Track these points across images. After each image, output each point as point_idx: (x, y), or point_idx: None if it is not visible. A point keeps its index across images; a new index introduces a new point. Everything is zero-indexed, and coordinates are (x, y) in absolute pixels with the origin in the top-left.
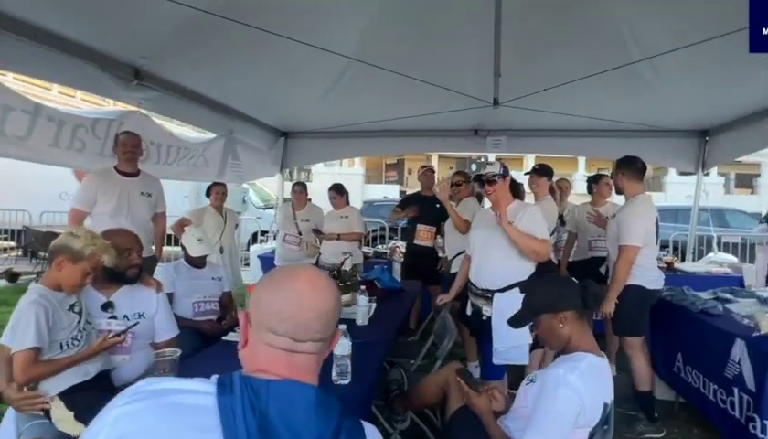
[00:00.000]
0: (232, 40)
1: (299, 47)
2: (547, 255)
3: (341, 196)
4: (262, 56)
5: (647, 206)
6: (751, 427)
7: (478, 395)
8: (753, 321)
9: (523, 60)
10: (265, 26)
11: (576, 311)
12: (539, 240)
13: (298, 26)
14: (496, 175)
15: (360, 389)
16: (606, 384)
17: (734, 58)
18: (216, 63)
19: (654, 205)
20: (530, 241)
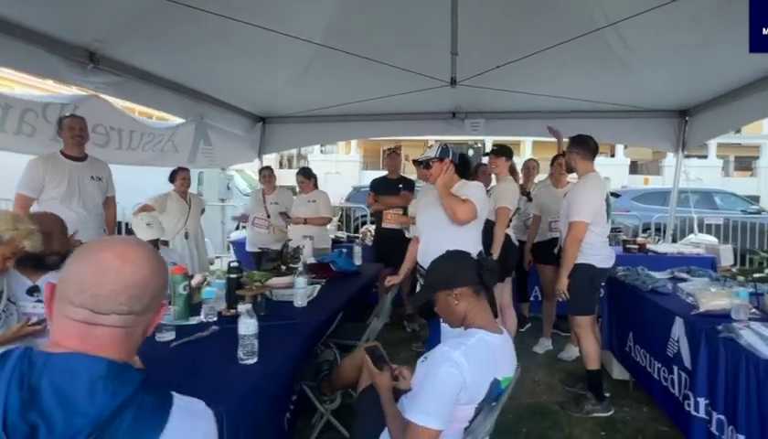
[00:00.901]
0: (198, 25)
1: (267, 33)
2: (466, 219)
3: (309, 180)
4: (231, 42)
5: (597, 184)
6: (686, 405)
7: (380, 373)
8: (695, 299)
9: (480, 38)
10: (230, 13)
11: (471, 287)
12: (461, 200)
13: (263, 12)
14: (432, 158)
15: (271, 368)
16: (496, 361)
17: (710, 32)
18: (183, 48)
19: (604, 183)
20: (451, 199)
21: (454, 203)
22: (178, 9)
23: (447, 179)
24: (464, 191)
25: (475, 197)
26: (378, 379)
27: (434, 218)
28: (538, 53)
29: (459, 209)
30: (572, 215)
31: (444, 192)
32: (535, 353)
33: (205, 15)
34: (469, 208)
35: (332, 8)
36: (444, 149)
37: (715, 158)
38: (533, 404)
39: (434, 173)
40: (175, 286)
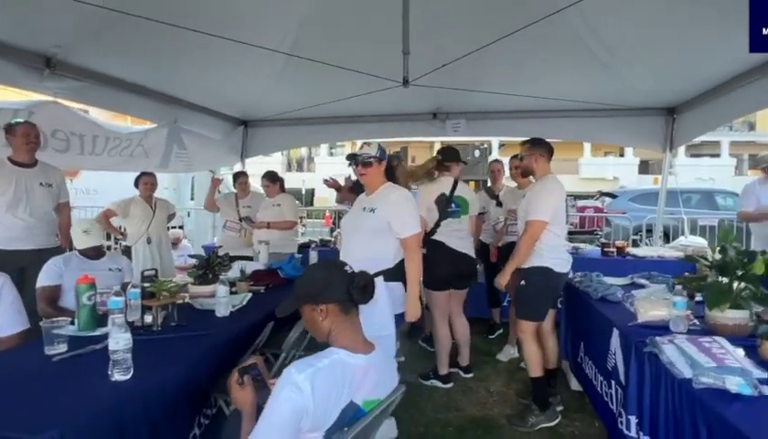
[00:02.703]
0: (166, 33)
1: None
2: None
3: (274, 184)
4: (203, 48)
5: (557, 185)
6: (620, 422)
7: (239, 388)
8: (635, 308)
9: (432, 36)
10: (195, 23)
11: (339, 304)
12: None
13: (230, 23)
14: (372, 157)
15: (164, 382)
16: (356, 383)
17: (688, 28)
18: (152, 53)
19: (563, 185)
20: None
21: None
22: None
23: (376, 181)
24: (394, 196)
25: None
26: (236, 393)
27: (355, 225)
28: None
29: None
30: (530, 214)
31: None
32: (498, 361)
33: (173, 19)
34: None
35: (295, 19)
36: (382, 150)
37: (728, 157)
38: (480, 417)
39: (373, 172)
40: (79, 296)
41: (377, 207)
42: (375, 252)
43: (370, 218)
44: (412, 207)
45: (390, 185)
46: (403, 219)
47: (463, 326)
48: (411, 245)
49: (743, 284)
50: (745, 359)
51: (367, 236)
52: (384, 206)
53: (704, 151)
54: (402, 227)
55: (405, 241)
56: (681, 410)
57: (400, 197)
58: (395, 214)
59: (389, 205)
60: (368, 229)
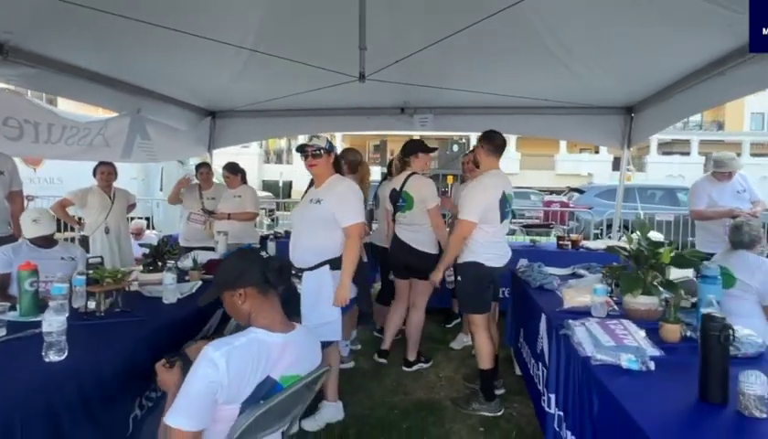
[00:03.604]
0: (127, 22)
1: (195, 27)
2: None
3: (234, 175)
4: (166, 38)
5: (493, 181)
6: (542, 401)
7: (166, 370)
8: (562, 295)
9: (390, 32)
10: (156, 17)
11: (257, 287)
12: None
13: (191, 16)
14: (321, 149)
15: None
16: (272, 360)
17: (645, 28)
18: (113, 42)
19: (502, 182)
20: None
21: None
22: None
23: (324, 173)
24: (340, 187)
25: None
26: (162, 375)
27: (302, 215)
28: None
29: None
30: (460, 213)
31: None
32: (451, 349)
33: (133, 12)
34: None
35: (257, 15)
36: (330, 143)
37: (697, 155)
38: (425, 400)
39: (322, 164)
40: (21, 282)
41: (323, 198)
42: (321, 242)
43: (316, 209)
44: (356, 197)
45: (338, 177)
46: (345, 209)
47: (415, 319)
48: (351, 234)
49: (654, 273)
50: (645, 340)
51: (313, 226)
52: (329, 197)
53: (675, 149)
54: (344, 216)
55: (346, 230)
56: (582, 384)
57: (344, 187)
58: (338, 204)
59: (333, 196)
60: (313, 219)
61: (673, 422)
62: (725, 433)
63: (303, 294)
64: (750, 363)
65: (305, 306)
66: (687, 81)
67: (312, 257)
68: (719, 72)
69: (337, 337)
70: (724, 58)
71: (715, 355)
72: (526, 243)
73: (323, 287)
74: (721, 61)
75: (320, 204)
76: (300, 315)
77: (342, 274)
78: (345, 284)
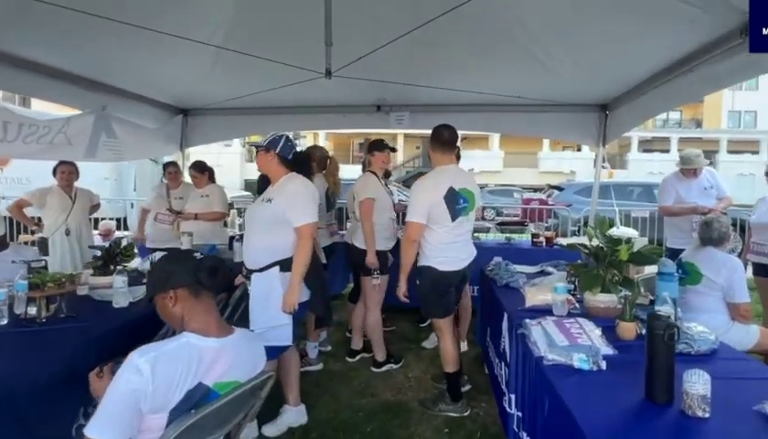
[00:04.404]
0: (85, 17)
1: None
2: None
3: (202, 174)
4: (131, 33)
5: (437, 178)
6: (504, 401)
7: (99, 379)
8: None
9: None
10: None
11: (188, 289)
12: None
13: (157, 13)
14: (259, 146)
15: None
16: (205, 365)
17: (617, 27)
18: (74, 37)
19: (450, 177)
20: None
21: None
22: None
23: (271, 171)
24: (291, 186)
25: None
26: (94, 384)
27: (253, 215)
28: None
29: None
30: (407, 215)
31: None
32: (422, 348)
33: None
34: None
35: (224, 12)
36: (273, 140)
37: (677, 153)
38: (393, 401)
39: (260, 161)
40: None
41: (274, 197)
42: (271, 243)
43: (266, 208)
44: (308, 197)
45: (292, 175)
46: (296, 208)
47: (368, 320)
48: (302, 234)
49: (613, 270)
50: (600, 338)
51: (262, 226)
52: (279, 196)
53: (655, 147)
54: (295, 215)
55: (297, 231)
56: (535, 385)
57: (296, 186)
58: (289, 203)
59: (284, 195)
60: (263, 219)
61: (616, 424)
62: (667, 433)
63: (251, 297)
64: (703, 360)
65: (254, 310)
66: (657, 79)
67: (261, 258)
68: (686, 70)
69: (289, 342)
70: (691, 56)
71: (660, 354)
72: (501, 241)
73: (272, 290)
74: (688, 59)
75: (270, 203)
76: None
77: (291, 277)
78: (293, 288)
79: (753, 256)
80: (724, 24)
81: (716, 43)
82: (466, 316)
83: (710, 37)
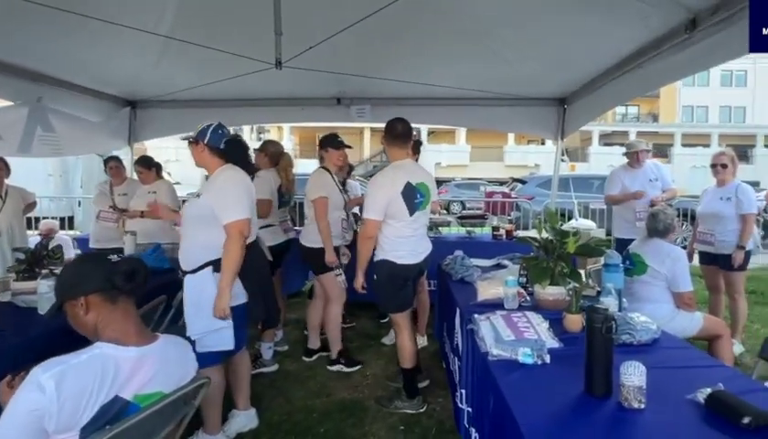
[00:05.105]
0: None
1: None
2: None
3: (148, 169)
4: (66, 20)
5: (393, 174)
6: (456, 396)
7: (10, 390)
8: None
9: (306, 16)
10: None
11: (101, 295)
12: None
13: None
14: (191, 139)
15: None
16: (123, 377)
17: (574, 22)
18: (4, 22)
19: (407, 172)
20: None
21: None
22: None
23: (206, 164)
24: (220, 179)
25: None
26: (4, 397)
27: (186, 212)
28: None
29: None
30: (363, 212)
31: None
32: (383, 344)
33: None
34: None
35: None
36: (201, 131)
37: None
38: (348, 401)
39: (194, 156)
40: None
41: (203, 191)
42: (202, 241)
43: (195, 204)
44: (238, 191)
45: (225, 167)
46: (224, 204)
47: (329, 314)
48: (230, 232)
49: (561, 263)
50: (547, 332)
51: (192, 224)
52: (208, 190)
53: (615, 140)
54: (222, 211)
55: (225, 228)
56: (482, 380)
57: (225, 179)
58: (217, 198)
59: (213, 189)
60: (192, 216)
61: (553, 419)
62: (602, 426)
63: (184, 301)
64: (645, 350)
65: (188, 314)
66: (610, 73)
67: (193, 258)
68: (636, 65)
69: (229, 346)
70: (641, 51)
71: (598, 347)
72: (462, 235)
73: (204, 292)
74: (639, 54)
75: (199, 199)
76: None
77: (220, 280)
78: (222, 292)
79: (699, 245)
80: (671, 20)
81: (664, 38)
82: (424, 311)
83: (659, 33)
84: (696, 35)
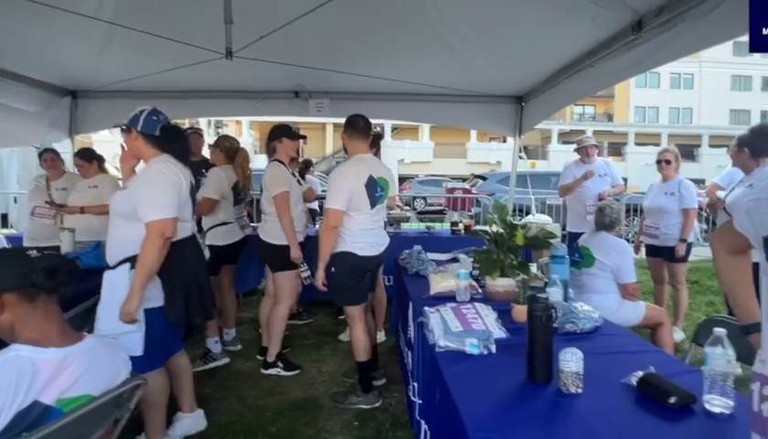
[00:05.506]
0: None
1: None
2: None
3: (89, 163)
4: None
5: (357, 166)
6: (409, 389)
7: None
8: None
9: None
10: None
11: (17, 293)
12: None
13: None
14: (123, 126)
15: None
16: (42, 381)
17: (527, 17)
18: None
19: (370, 165)
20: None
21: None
22: None
23: (142, 154)
24: (145, 172)
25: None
26: None
27: (111, 205)
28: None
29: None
30: (326, 201)
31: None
32: (339, 341)
33: None
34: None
35: None
36: (133, 117)
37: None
38: (302, 399)
39: (127, 144)
40: None
41: (129, 184)
42: (122, 237)
43: (120, 198)
44: (165, 187)
45: (159, 159)
46: (145, 200)
47: (276, 314)
48: (149, 232)
49: (510, 255)
50: (495, 322)
51: (116, 218)
52: (134, 184)
53: (573, 138)
54: (143, 208)
55: (146, 227)
56: (430, 372)
57: (151, 173)
58: (140, 193)
59: (137, 183)
60: (115, 210)
61: (494, 407)
62: (540, 411)
63: (100, 297)
64: (587, 338)
65: (99, 312)
66: (563, 73)
67: (117, 254)
68: (587, 65)
69: (138, 352)
70: (592, 52)
71: (539, 336)
72: (422, 230)
73: (117, 291)
74: (590, 54)
75: (124, 192)
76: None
77: (133, 280)
78: (131, 295)
79: (645, 238)
80: (620, 21)
81: (613, 39)
82: (381, 306)
83: (608, 34)
84: (642, 36)
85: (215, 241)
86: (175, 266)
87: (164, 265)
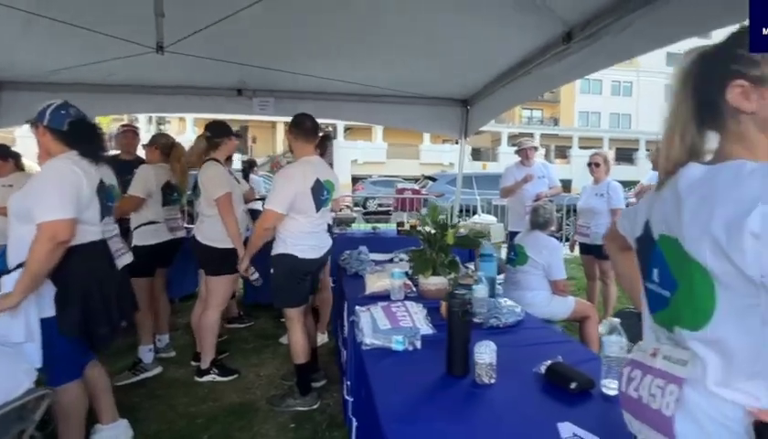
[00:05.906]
0: None
1: None
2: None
3: (5, 161)
4: None
5: (303, 169)
6: (343, 388)
7: None
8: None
9: None
10: None
11: None
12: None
13: None
14: (30, 121)
15: None
16: None
17: (473, 26)
18: None
19: (316, 168)
20: None
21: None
22: None
23: (51, 151)
24: (41, 172)
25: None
26: None
27: (11, 206)
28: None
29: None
30: (267, 203)
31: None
32: (280, 344)
33: None
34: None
35: None
36: (40, 111)
37: (540, 148)
38: (237, 404)
39: (36, 140)
40: None
41: (26, 184)
42: (19, 239)
43: (14, 198)
44: (61, 186)
45: (61, 156)
46: (38, 200)
47: (206, 321)
48: (39, 233)
49: (442, 254)
50: (423, 319)
51: (13, 219)
52: (30, 183)
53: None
54: (35, 208)
55: (37, 228)
56: (358, 369)
57: (47, 171)
58: (31, 192)
59: (31, 181)
60: (11, 211)
61: (410, 401)
62: (454, 402)
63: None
64: (509, 331)
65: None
66: (503, 78)
67: (13, 257)
68: (525, 72)
69: (36, 363)
70: (528, 59)
71: (456, 330)
72: (368, 231)
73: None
74: (526, 62)
75: (19, 191)
76: None
77: (17, 283)
78: (12, 294)
79: (579, 237)
80: (552, 32)
81: (547, 48)
82: (327, 308)
83: (543, 43)
84: (572, 46)
85: (142, 241)
86: (73, 272)
87: (59, 271)
